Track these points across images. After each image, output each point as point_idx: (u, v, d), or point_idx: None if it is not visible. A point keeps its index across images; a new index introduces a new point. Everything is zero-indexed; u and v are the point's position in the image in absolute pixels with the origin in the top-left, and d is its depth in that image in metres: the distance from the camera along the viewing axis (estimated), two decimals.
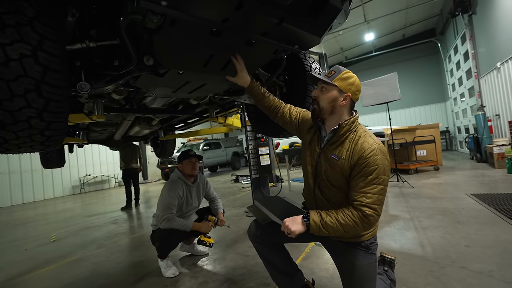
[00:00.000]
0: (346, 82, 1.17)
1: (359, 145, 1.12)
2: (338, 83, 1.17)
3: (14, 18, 0.79)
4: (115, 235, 3.56)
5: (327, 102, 1.19)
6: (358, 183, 1.09)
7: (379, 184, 1.07)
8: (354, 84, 1.18)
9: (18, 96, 0.84)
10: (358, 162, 1.10)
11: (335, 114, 1.20)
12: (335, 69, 1.21)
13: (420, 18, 11.14)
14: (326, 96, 1.19)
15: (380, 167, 1.07)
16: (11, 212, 7.04)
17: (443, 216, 2.89)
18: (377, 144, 1.12)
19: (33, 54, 0.83)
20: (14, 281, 2.39)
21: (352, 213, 1.07)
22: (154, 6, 0.86)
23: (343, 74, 1.18)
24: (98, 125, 2.61)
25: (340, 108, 1.18)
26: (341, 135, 1.17)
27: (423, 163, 6.24)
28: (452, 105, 10.93)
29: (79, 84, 1.14)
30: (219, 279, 2.00)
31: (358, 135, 1.16)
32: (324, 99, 1.19)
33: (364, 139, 1.14)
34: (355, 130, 1.18)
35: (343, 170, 1.14)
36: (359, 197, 1.07)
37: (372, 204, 1.05)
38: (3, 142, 0.93)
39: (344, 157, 1.14)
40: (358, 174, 1.10)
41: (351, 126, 1.17)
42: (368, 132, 1.19)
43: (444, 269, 1.81)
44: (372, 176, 1.07)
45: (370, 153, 1.09)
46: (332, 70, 1.21)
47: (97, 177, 10.54)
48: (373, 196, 1.06)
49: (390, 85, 5.02)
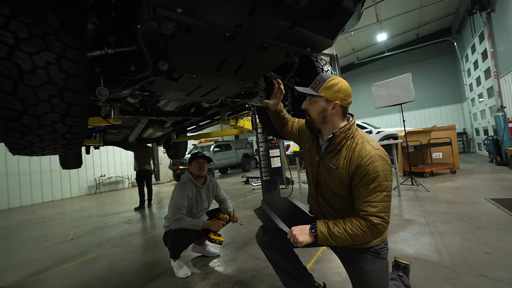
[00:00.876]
0: (332, 90, 1.15)
1: (356, 153, 1.10)
2: (324, 93, 1.15)
3: (41, 28, 0.84)
4: (129, 235, 3.65)
5: (316, 113, 1.19)
6: (361, 193, 1.07)
7: (382, 191, 1.04)
8: (341, 90, 1.15)
9: (43, 101, 0.88)
10: (357, 171, 1.08)
11: (327, 123, 1.19)
12: (319, 79, 1.19)
13: (435, 17, 10.85)
14: (315, 107, 1.19)
15: (380, 174, 1.05)
16: (31, 210, 7.35)
17: (461, 222, 2.79)
18: (375, 150, 1.09)
19: (57, 62, 0.88)
20: (34, 278, 2.50)
21: (360, 222, 1.05)
22: (170, 13, 0.89)
23: (327, 83, 1.16)
24: (113, 128, 2.69)
25: (331, 116, 1.17)
26: (337, 143, 1.16)
27: (439, 166, 6.04)
28: (469, 106, 10.54)
29: (98, 89, 1.19)
30: (230, 281, 2.01)
31: (355, 142, 1.14)
32: (313, 110, 1.19)
33: (361, 146, 1.11)
34: (352, 137, 1.16)
35: (342, 178, 1.13)
36: (364, 207, 1.05)
37: (378, 212, 1.03)
38: (29, 145, 0.98)
39: (342, 166, 1.12)
40: (359, 183, 1.08)
41: (347, 133, 1.15)
42: (366, 138, 1.16)
43: (462, 276, 1.75)
44: (374, 184, 1.04)
45: (369, 160, 1.06)
46: (317, 80, 1.20)
47: (112, 177, 10.84)
48: (378, 205, 1.04)
49: (403, 86, 4.91)
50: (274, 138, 4.60)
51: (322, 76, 1.20)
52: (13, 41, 0.80)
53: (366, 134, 1.19)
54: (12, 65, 0.81)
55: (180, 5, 0.88)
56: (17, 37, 0.81)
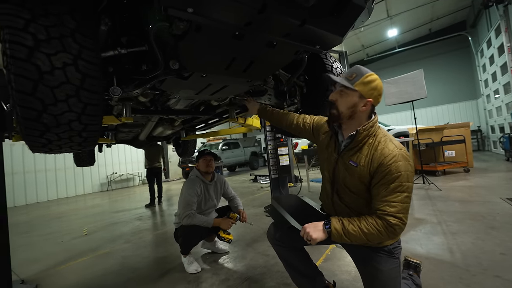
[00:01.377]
0: (369, 86, 1.09)
1: (379, 151, 1.07)
2: (360, 88, 1.09)
3: (58, 30, 0.87)
4: (140, 231, 3.74)
5: (346, 107, 1.12)
6: (380, 192, 1.05)
7: (403, 192, 1.02)
8: (377, 88, 1.11)
9: (61, 101, 0.92)
10: (378, 169, 1.05)
11: (353, 119, 1.14)
12: (356, 71, 1.13)
13: (448, 11, 10.52)
14: (346, 100, 1.12)
15: (403, 174, 1.02)
16: (47, 206, 7.61)
17: (474, 221, 2.73)
18: (398, 150, 1.06)
19: (74, 63, 0.91)
20: (52, 271, 2.60)
21: (376, 222, 1.03)
22: (181, 13, 0.91)
23: (366, 78, 1.10)
24: (125, 126, 2.75)
25: (360, 113, 1.12)
26: (359, 141, 1.12)
27: (452, 164, 5.89)
28: (484, 102, 10.19)
29: (111, 89, 1.22)
30: (240, 277, 2.03)
31: (378, 140, 1.11)
32: (343, 104, 1.13)
33: (384, 144, 1.08)
34: (375, 135, 1.13)
35: (362, 177, 1.10)
36: (382, 206, 1.03)
37: (396, 213, 1.01)
38: (48, 143, 1.02)
39: (363, 164, 1.10)
40: (379, 182, 1.05)
41: (370, 131, 1.12)
42: (388, 137, 1.13)
43: (476, 277, 1.71)
44: (395, 184, 1.02)
45: (391, 159, 1.03)
46: (353, 72, 1.12)
47: (123, 175, 11.09)
48: (397, 205, 1.01)
49: (415, 82, 4.80)
50: (283, 136, 4.60)
51: (359, 69, 1.13)
52: (32, 43, 0.84)
53: (388, 133, 1.16)
54: (32, 66, 0.84)
55: (191, 5, 0.90)
56: (36, 39, 0.84)
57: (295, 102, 2.04)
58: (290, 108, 2.07)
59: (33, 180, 8.86)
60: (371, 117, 1.15)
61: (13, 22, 0.81)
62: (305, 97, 2.04)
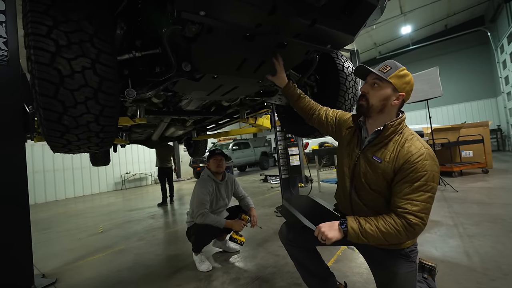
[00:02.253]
0: (403, 80, 1.09)
1: (405, 148, 1.05)
2: (394, 81, 1.08)
3: (78, 36, 0.91)
4: (153, 229, 3.82)
5: (378, 99, 1.10)
6: (402, 189, 1.02)
7: (427, 192, 0.99)
8: (410, 83, 1.10)
9: (80, 103, 0.96)
10: (403, 166, 1.03)
11: (383, 113, 1.12)
12: (391, 64, 1.12)
13: (466, 5, 10.15)
14: (379, 93, 1.10)
15: (429, 173, 0.99)
16: (65, 204, 7.91)
17: (493, 224, 2.62)
18: (425, 149, 1.04)
19: (92, 66, 0.95)
20: (71, 266, 2.70)
21: (395, 221, 1.00)
22: (193, 16, 0.93)
23: (400, 71, 1.09)
24: (138, 127, 2.83)
25: (391, 107, 1.11)
26: (386, 137, 1.10)
27: (469, 165, 5.68)
28: (505, 100, 9.76)
29: (126, 91, 1.26)
30: (250, 276, 2.05)
31: (405, 138, 1.09)
32: (376, 96, 1.11)
33: (411, 142, 1.07)
34: (401, 132, 1.11)
35: (385, 173, 1.08)
36: (403, 204, 1.00)
37: (418, 212, 0.98)
38: (67, 144, 1.07)
39: (388, 160, 1.07)
40: (403, 180, 1.03)
41: (397, 128, 1.10)
42: (415, 135, 1.11)
43: (495, 281, 1.65)
44: (419, 183, 0.99)
45: (419, 157, 1.01)
46: (387, 65, 1.12)
47: (136, 174, 11.37)
48: (420, 204, 0.98)
49: (430, 80, 4.66)
50: (293, 136, 4.58)
51: (394, 63, 1.13)
52: (54, 48, 0.88)
53: (414, 132, 1.14)
54: (54, 70, 0.89)
55: (203, 8, 0.92)
56: (58, 44, 0.88)
57: None
58: None
59: (52, 179, 9.23)
60: (399, 115, 1.14)
61: (37, 29, 0.86)
62: (315, 97, 2.03)
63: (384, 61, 1.16)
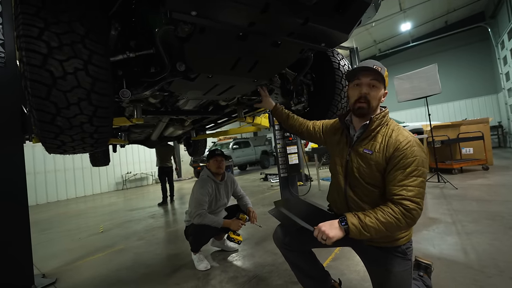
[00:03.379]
0: (387, 78, 1.18)
1: (393, 137, 1.10)
2: (386, 80, 1.17)
3: (69, 37, 0.91)
4: (153, 229, 3.84)
5: (377, 100, 1.16)
6: (396, 176, 1.04)
7: (419, 177, 1.02)
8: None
9: (73, 104, 0.97)
10: (394, 154, 1.06)
11: (375, 111, 1.19)
12: (377, 64, 1.15)
13: (466, 1, 10.10)
14: (377, 94, 1.15)
15: (418, 159, 1.03)
16: (66, 205, 7.95)
17: (492, 221, 2.62)
18: (412, 137, 1.10)
19: (84, 68, 0.96)
20: (70, 266, 2.72)
21: (393, 209, 1.00)
22: (185, 16, 0.93)
23: (385, 71, 1.17)
24: (137, 127, 2.83)
25: (380, 104, 1.20)
26: (373, 130, 1.15)
27: (469, 162, 5.67)
28: (506, 96, 9.72)
29: (121, 91, 1.26)
30: (248, 275, 2.06)
31: (391, 129, 1.14)
32: (375, 97, 1.15)
33: (398, 132, 1.12)
34: (387, 124, 1.16)
35: (377, 164, 1.10)
36: (398, 191, 1.01)
37: (414, 197, 0.99)
38: (62, 145, 1.08)
39: (378, 150, 1.11)
40: (395, 167, 1.05)
41: (382, 120, 1.15)
42: (400, 126, 1.16)
43: (491, 279, 1.65)
44: (411, 168, 1.02)
45: (407, 144, 1.05)
46: (377, 66, 1.14)
47: (137, 174, 11.41)
48: (414, 189, 1.00)
49: (429, 77, 4.65)
50: (292, 135, 4.58)
51: (377, 62, 1.17)
52: (46, 50, 0.88)
53: (399, 124, 1.19)
54: (46, 72, 0.89)
55: (195, 8, 0.92)
56: (49, 46, 0.89)
57: (302, 101, 2.03)
58: (297, 107, 2.06)
59: (54, 179, 9.27)
60: (382, 109, 1.21)
61: (28, 31, 0.86)
62: (312, 96, 2.03)
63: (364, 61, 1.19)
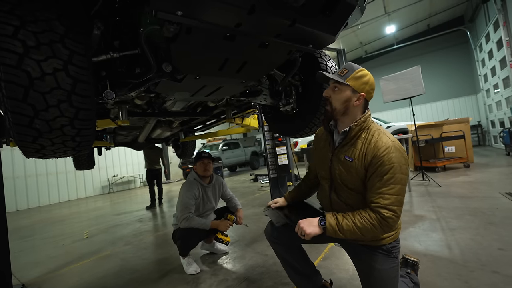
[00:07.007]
0: (360, 81, 1.13)
1: (372, 144, 1.09)
2: (352, 83, 1.12)
3: (48, 36, 0.87)
4: (141, 233, 3.75)
5: (340, 102, 1.15)
6: (374, 184, 1.05)
7: (397, 184, 1.02)
8: (368, 83, 1.14)
9: (52, 106, 0.92)
10: (372, 161, 1.06)
11: (348, 114, 1.16)
12: (348, 67, 1.16)
13: (447, 6, 10.49)
14: (339, 96, 1.15)
15: (395, 166, 1.03)
16: (49, 210, 7.64)
17: (474, 217, 2.73)
18: (392, 142, 1.08)
19: (64, 68, 0.91)
20: (53, 274, 2.61)
21: (370, 215, 1.03)
22: (170, 16, 0.91)
23: (357, 73, 1.13)
24: (123, 129, 2.76)
25: (353, 108, 1.15)
26: (352, 137, 1.15)
27: (452, 160, 5.88)
28: (484, 97, 10.17)
29: (105, 93, 1.22)
30: (238, 277, 2.04)
31: (371, 134, 1.13)
32: (337, 99, 1.15)
33: (378, 137, 1.10)
34: (368, 128, 1.15)
35: (357, 171, 1.11)
36: (376, 199, 1.03)
37: (390, 205, 1.01)
38: (41, 149, 1.03)
39: (357, 158, 1.11)
40: (373, 174, 1.06)
41: (362, 126, 1.14)
42: (382, 130, 1.15)
43: (474, 273, 1.71)
44: (388, 176, 1.02)
45: (384, 151, 1.04)
46: (345, 68, 1.16)
47: (124, 177, 11.11)
48: (391, 197, 1.01)
49: (413, 79, 4.79)
50: (281, 136, 4.59)
51: (351, 65, 1.17)
52: (22, 49, 0.84)
53: (381, 127, 1.18)
54: (22, 72, 0.85)
55: (180, 8, 0.90)
56: (26, 45, 0.84)
57: (290, 102, 2.04)
58: (286, 108, 2.07)
59: (35, 184, 8.89)
60: (364, 112, 1.18)
61: (2, 29, 0.82)
62: (300, 97, 2.04)
63: (344, 64, 1.20)
